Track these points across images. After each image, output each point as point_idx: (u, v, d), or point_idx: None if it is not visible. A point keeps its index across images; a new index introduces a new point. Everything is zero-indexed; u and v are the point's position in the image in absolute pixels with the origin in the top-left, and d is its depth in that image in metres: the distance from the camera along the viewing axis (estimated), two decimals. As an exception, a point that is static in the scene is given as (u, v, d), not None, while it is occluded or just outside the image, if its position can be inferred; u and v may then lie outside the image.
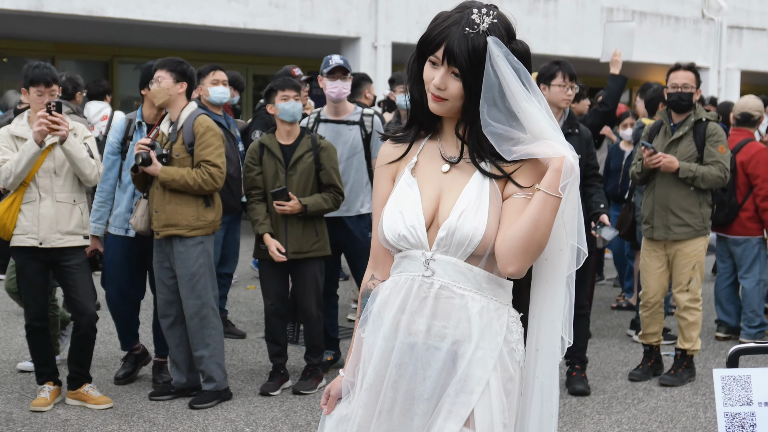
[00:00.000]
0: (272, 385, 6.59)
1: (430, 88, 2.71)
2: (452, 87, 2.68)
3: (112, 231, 6.70)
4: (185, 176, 6.13)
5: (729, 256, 8.46)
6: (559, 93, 6.52)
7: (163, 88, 6.23)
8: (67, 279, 6.17)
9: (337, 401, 2.91)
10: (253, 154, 6.61)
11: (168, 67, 6.27)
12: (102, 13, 13.99)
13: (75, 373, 6.28)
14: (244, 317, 8.94)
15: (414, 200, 2.76)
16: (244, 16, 15.13)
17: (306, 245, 6.53)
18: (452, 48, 2.64)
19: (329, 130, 7.05)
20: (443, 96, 2.70)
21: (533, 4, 17.99)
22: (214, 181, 6.21)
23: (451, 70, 2.67)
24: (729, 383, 2.96)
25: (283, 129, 6.61)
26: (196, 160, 6.20)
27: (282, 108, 6.50)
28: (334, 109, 7.09)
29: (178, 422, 6.00)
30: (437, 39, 2.68)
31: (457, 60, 2.64)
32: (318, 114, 7.18)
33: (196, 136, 6.22)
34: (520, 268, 2.65)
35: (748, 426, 2.93)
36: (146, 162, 6.13)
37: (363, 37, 16.27)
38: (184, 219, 6.20)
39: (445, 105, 2.71)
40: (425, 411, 2.72)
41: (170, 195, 6.19)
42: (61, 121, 5.86)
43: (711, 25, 21.05)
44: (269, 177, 6.53)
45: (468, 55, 2.63)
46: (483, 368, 2.69)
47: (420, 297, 2.72)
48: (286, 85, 6.56)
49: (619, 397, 6.67)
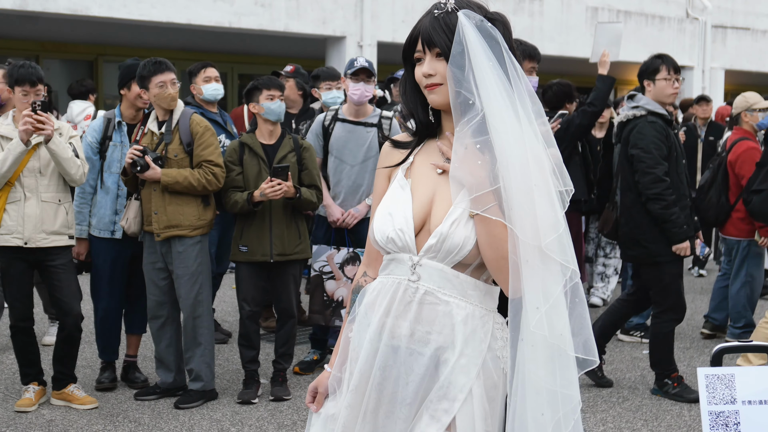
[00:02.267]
0: (251, 392, 6.44)
1: (422, 81, 2.71)
2: (440, 68, 2.67)
3: (96, 234, 6.61)
4: (189, 177, 6.13)
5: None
6: (665, 87, 6.43)
7: (174, 93, 6.24)
8: (52, 279, 6.15)
9: (325, 399, 2.90)
10: (232, 153, 6.49)
11: (171, 68, 6.27)
12: (87, 12, 13.94)
13: (60, 374, 6.27)
14: (230, 317, 8.93)
15: (405, 203, 2.74)
16: (230, 16, 15.10)
17: (289, 247, 6.48)
18: (427, 32, 2.66)
19: (346, 129, 6.98)
20: (436, 81, 2.68)
21: (518, 4, 18.02)
22: (218, 181, 6.24)
23: (434, 52, 2.67)
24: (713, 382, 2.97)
25: (265, 129, 6.53)
26: (196, 160, 6.20)
27: (267, 107, 6.43)
28: (354, 111, 6.99)
29: (164, 422, 5.99)
30: (413, 35, 2.72)
31: (435, 39, 2.65)
32: (336, 112, 7.10)
33: (195, 135, 6.22)
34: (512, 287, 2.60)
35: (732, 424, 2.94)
36: (144, 168, 6.10)
37: (348, 37, 16.26)
38: (187, 219, 6.20)
39: (441, 91, 2.69)
40: (407, 415, 2.71)
41: (170, 196, 6.18)
42: (46, 120, 5.84)
43: (695, 25, 21.12)
44: (252, 176, 6.44)
45: (443, 32, 2.64)
46: (466, 376, 2.68)
47: (405, 301, 2.71)
48: (272, 84, 6.49)
49: (603, 395, 6.69)
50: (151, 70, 6.23)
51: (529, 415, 2.57)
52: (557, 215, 2.55)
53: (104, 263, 6.62)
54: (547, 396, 2.57)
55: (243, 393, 6.45)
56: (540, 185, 2.55)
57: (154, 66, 6.25)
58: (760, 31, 22.50)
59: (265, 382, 6.66)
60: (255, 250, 6.42)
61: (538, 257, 2.54)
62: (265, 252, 6.41)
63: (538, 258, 2.54)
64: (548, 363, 2.57)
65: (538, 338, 2.55)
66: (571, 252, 2.57)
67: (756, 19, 22.74)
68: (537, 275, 2.54)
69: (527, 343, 2.57)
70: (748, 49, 21.92)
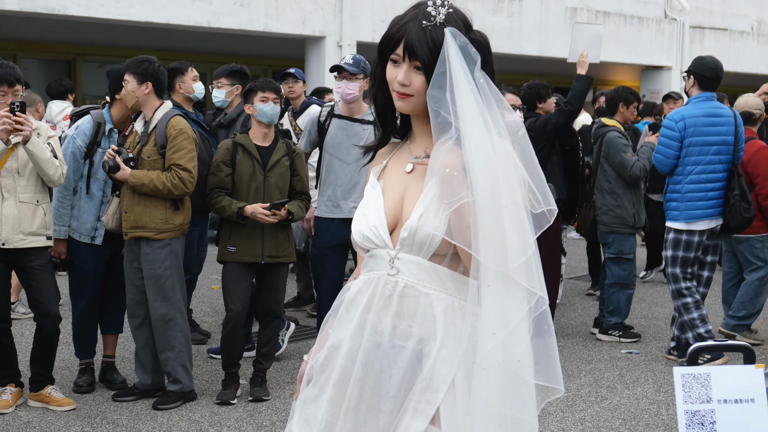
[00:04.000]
0: (230, 393, 6.41)
1: (395, 86, 2.71)
2: (416, 81, 2.68)
3: (76, 237, 6.55)
4: (154, 180, 6.08)
5: (734, 255, 8.47)
6: None
7: (129, 91, 6.21)
8: (30, 280, 6.12)
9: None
10: (225, 154, 6.44)
11: (130, 69, 6.24)
12: (64, 11, 13.87)
13: (37, 375, 6.23)
14: (209, 317, 8.91)
15: (376, 202, 2.79)
16: (209, 15, 15.07)
17: (280, 250, 6.49)
18: (412, 42, 2.65)
19: (341, 125, 6.89)
20: (408, 92, 2.70)
21: (498, 4, 18.05)
22: (184, 186, 6.16)
23: (414, 64, 2.67)
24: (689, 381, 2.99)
25: (259, 130, 6.50)
26: (167, 163, 6.15)
27: (260, 109, 6.41)
28: (348, 109, 6.89)
29: (142, 423, 5.97)
30: (396, 36, 2.69)
31: (418, 53, 2.64)
32: (332, 108, 7.02)
33: (169, 138, 6.17)
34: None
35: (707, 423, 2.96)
36: (113, 169, 6.08)
37: (328, 36, 16.25)
38: (152, 222, 6.16)
39: (410, 101, 2.72)
40: (391, 409, 2.73)
41: (139, 197, 6.15)
42: (24, 121, 5.81)
43: (674, 25, 21.22)
44: (245, 176, 6.41)
45: (428, 48, 2.63)
46: (448, 366, 2.71)
47: (385, 295, 2.74)
48: (267, 86, 6.46)
49: (582, 395, 6.72)
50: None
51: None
52: (527, 238, 2.54)
53: (85, 264, 6.58)
54: (498, 419, 2.57)
55: (222, 393, 6.43)
56: (509, 207, 2.54)
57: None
58: (737, 32, 22.64)
59: (244, 383, 6.65)
60: (245, 250, 6.39)
61: (501, 283, 2.53)
62: (256, 253, 6.40)
63: (501, 284, 2.53)
64: (501, 387, 2.57)
65: (492, 363, 2.55)
66: (539, 278, 2.55)
67: (733, 20, 22.89)
68: (497, 301, 2.54)
69: (479, 366, 2.57)
70: (725, 50, 22.04)
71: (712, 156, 7.31)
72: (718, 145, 7.32)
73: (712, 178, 7.33)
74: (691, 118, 7.31)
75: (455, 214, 2.59)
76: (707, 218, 7.35)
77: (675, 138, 7.34)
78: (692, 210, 7.34)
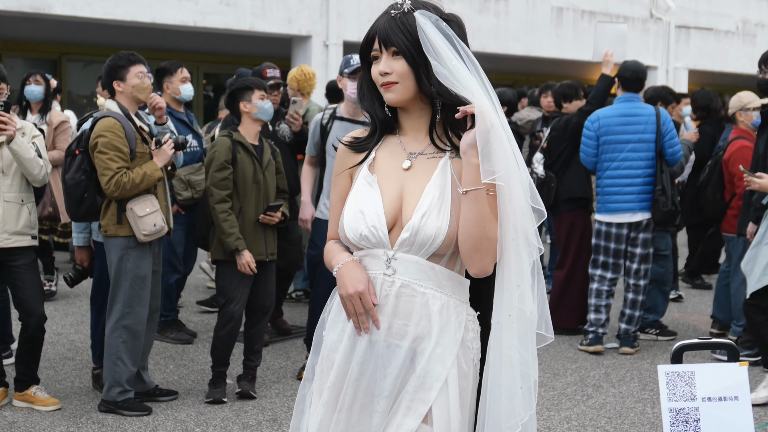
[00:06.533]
0: (221, 391, 6.37)
1: (379, 79, 2.75)
2: (397, 66, 2.72)
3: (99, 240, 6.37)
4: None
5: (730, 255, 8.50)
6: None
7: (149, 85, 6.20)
8: (15, 279, 6.10)
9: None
10: (227, 153, 6.28)
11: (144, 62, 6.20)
12: (50, 10, 13.83)
13: (22, 375, 6.21)
14: (195, 317, 8.90)
15: (375, 200, 2.78)
16: (195, 15, 15.03)
17: (276, 248, 6.56)
18: (384, 31, 2.72)
19: (344, 128, 6.83)
20: (392, 80, 2.73)
21: (484, 4, 18.05)
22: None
23: (391, 51, 2.72)
24: (673, 379, 2.99)
25: (253, 129, 6.44)
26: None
27: (261, 107, 6.36)
28: (353, 109, 6.82)
29: (127, 423, 5.96)
30: (370, 34, 2.77)
31: (392, 38, 2.70)
32: (334, 111, 6.96)
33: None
34: (482, 267, 2.69)
35: (692, 421, 2.96)
36: (182, 146, 6.34)
37: (314, 36, 16.23)
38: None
39: (397, 90, 2.74)
40: (384, 408, 2.75)
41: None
42: (8, 120, 5.79)
43: (659, 25, 21.27)
44: (248, 174, 6.33)
45: (401, 32, 2.69)
46: (442, 365, 2.73)
47: (381, 295, 2.76)
48: (262, 84, 6.45)
49: (568, 393, 6.73)
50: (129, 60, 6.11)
51: (503, 389, 2.69)
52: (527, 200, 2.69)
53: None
54: (518, 367, 2.71)
55: (213, 392, 6.39)
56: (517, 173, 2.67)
57: (127, 61, 6.11)
58: (722, 32, 22.70)
59: (230, 382, 6.63)
60: (250, 250, 6.30)
61: (522, 238, 2.65)
62: (260, 251, 6.37)
63: (522, 238, 2.65)
64: (522, 337, 2.70)
65: (516, 311, 2.67)
66: (536, 230, 2.71)
67: (719, 20, 22.95)
68: (518, 255, 2.66)
69: (505, 314, 2.67)
70: (711, 49, 22.11)
71: (627, 153, 7.70)
72: (634, 143, 7.69)
73: (630, 174, 7.70)
74: (605, 118, 7.79)
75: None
76: (627, 212, 7.74)
77: (591, 137, 7.85)
78: (610, 203, 7.78)
